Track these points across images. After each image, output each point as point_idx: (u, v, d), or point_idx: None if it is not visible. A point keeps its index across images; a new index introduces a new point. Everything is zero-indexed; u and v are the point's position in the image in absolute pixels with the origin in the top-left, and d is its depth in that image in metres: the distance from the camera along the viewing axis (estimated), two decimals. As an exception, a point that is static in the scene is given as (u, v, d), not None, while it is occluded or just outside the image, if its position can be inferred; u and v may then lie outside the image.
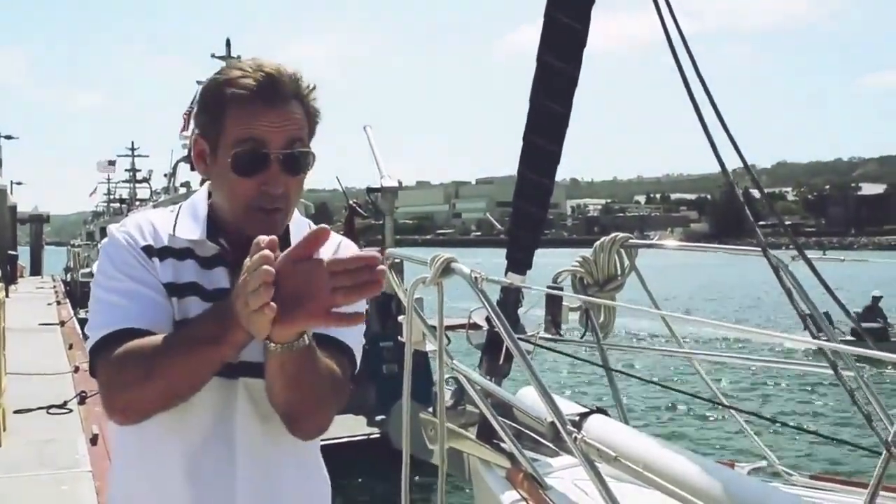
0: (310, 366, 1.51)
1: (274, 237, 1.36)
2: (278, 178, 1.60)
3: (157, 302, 1.60)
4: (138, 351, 1.51)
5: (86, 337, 1.67)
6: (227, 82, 1.61)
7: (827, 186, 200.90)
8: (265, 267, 1.31)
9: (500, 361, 3.02)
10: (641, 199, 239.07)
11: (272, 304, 1.31)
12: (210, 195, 1.73)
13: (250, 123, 1.58)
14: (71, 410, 8.41)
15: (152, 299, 1.59)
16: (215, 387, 1.60)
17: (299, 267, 1.35)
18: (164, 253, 1.64)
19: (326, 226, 1.39)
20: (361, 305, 1.61)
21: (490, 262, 3.52)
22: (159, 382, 1.50)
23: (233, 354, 1.49)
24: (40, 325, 16.09)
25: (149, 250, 1.63)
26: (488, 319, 2.96)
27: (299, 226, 1.75)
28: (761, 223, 2.94)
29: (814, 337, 2.58)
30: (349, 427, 9.07)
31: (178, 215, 1.71)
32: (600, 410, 2.41)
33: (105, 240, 1.69)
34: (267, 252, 1.33)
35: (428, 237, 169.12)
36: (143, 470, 1.66)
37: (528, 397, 2.59)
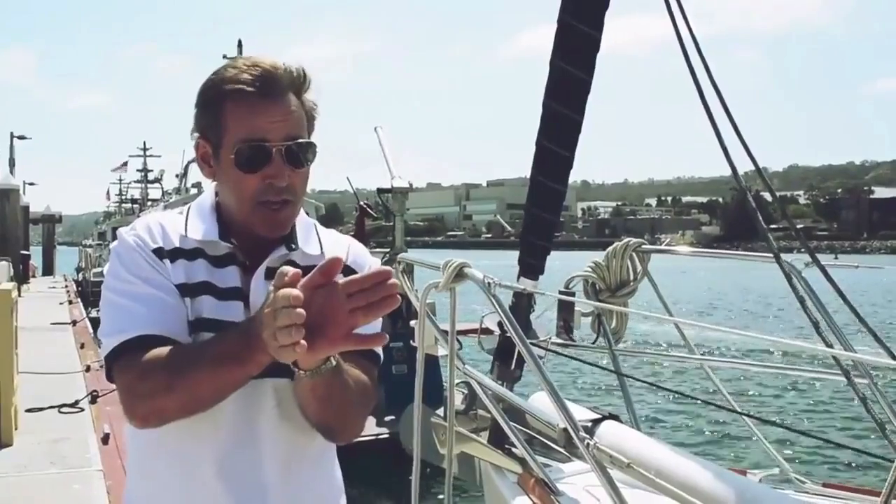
0: (339, 384, 1.53)
1: (297, 271, 1.36)
2: (282, 170, 1.60)
3: (171, 305, 1.60)
4: (161, 361, 1.51)
5: (98, 338, 1.67)
6: (224, 81, 1.62)
7: (839, 190, 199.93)
8: (298, 310, 1.31)
9: (512, 367, 3.02)
10: (652, 201, 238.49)
11: (303, 342, 1.31)
12: (217, 195, 1.74)
13: (249, 119, 1.59)
14: (82, 409, 8.43)
15: (166, 303, 1.60)
16: (243, 387, 1.60)
17: (315, 294, 1.37)
18: (175, 254, 1.65)
19: (339, 257, 1.41)
20: (379, 323, 1.62)
21: (501, 265, 3.51)
22: (182, 394, 1.51)
23: (256, 372, 1.50)
24: (52, 324, 16.14)
25: (160, 252, 1.64)
26: (500, 324, 2.96)
27: (306, 226, 1.76)
28: (773, 227, 2.92)
29: (826, 345, 2.57)
30: (358, 428, 9.06)
31: (187, 216, 1.72)
32: (613, 416, 2.40)
33: (115, 243, 1.69)
34: (297, 292, 1.33)
35: (438, 239, 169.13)
36: (166, 471, 1.66)
37: (540, 403, 2.59)
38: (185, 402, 1.52)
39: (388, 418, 9.38)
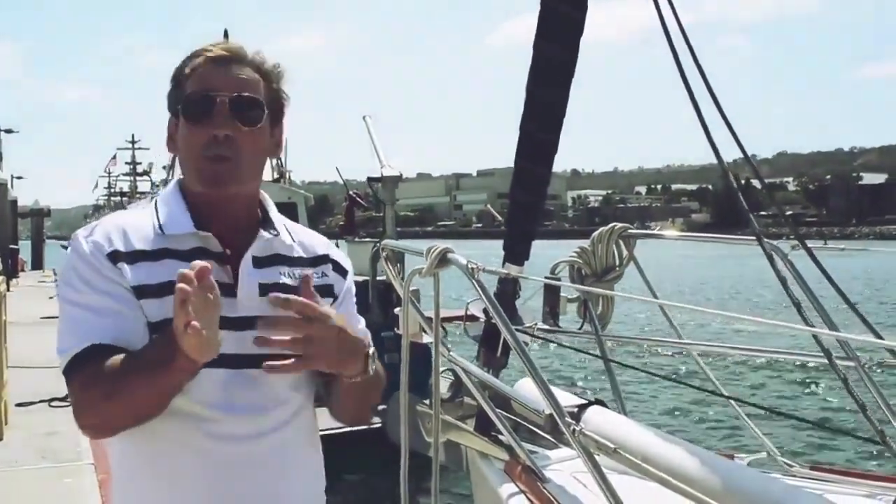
0: (374, 382, 1.70)
1: (206, 265, 1.38)
2: (227, 120, 1.61)
3: (122, 313, 1.58)
4: (101, 372, 1.51)
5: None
6: (188, 59, 1.67)
7: (828, 176, 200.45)
8: (178, 285, 1.34)
9: (498, 353, 3.01)
10: (642, 189, 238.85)
11: (194, 323, 1.33)
12: (181, 186, 1.72)
13: (202, 78, 1.63)
14: (72, 404, 8.41)
15: (116, 311, 1.57)
16: (220, 379, 1.59)
17: (322, 321, 1.53)
18: (134, 256, 1.61)
19: (308, 275, 1.61)
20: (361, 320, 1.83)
21: (491, 253, 3.50)
22: (122, 403, 1.51)
23: (187, 378, 1.49)
24: (42, 318, 16.07)
25: (115, 256, 1.60)
26: (486, 311, 2.95)
27: (275, 216, 1.77)
28: (762, 213, 2.92)
29: (808, 325, 2.57)
30: (350, 418, 9.06)
31: (157, 213, 1.68)
32: (599, 402, 2.40)
33: (70, 248, 1.66)
34: (182, 271, 1.36)
35: (429, 229, 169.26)
36: (148, 464, 1.65)
37: (525, 389, 2.58)
38: (126, 411, 1.53)
39: (380, 407, 9.35)
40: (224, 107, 1.62)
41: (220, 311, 1.41)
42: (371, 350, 1.64)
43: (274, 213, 1.76)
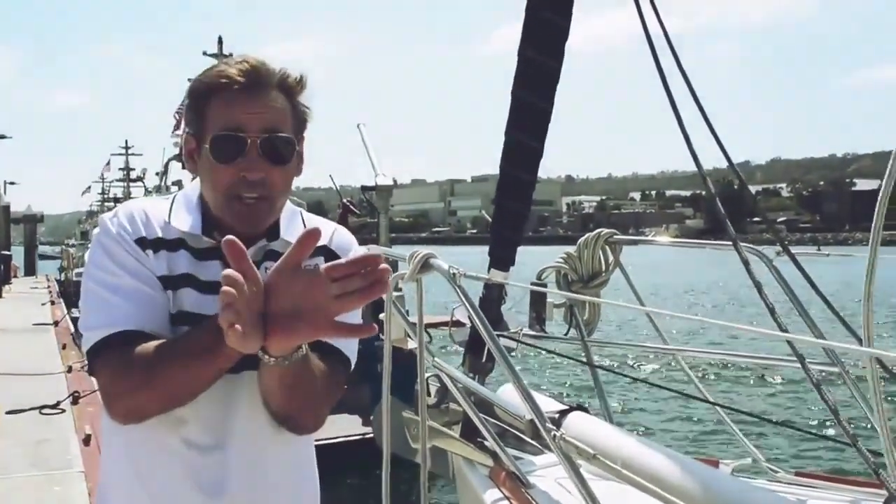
0: (307, 373, 1.50)
1: (232, 238, 1.33)
2: (257, 163, 1.58)
3: (154, 298, 1.59)
4: (138, 358, 1.50)
5: (79, 334, 1.66)
6: (210, 76, 1.62)
7: (821, 182, 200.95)
8: (224, 288, 1.29)
9: (484, 359, 3.02)
10: (636, 195, 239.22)
11: (237, 326, 1.28)
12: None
13: (229, 111, 1.58)
14: (64, 411, 8.38)
15: (149, 296, 1.58)
16: (219, 380, 1.59)
17: (296, 277, 1.33)
18: (157, 245, 1.62)
19: (318, 227, 1.37)
20: (359, 314, 1.56)
21: (486, 260, 3.48)
22: (159, 390, 1.50)
23: (230, 364, 1.48)
24: (34, 325, 16.03)
25: (142, 242, 1.62)
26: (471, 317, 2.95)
27: (291, 215, 1.74)
28: (755, 219, 2.94)
29: (782, 330, 2.58)
30: (344, 427, 9.05)
31: (172, 205, 1.69)
32: (580, 407, 2.40)
33: (97, 230, 1.66)
34: (228, 272, 1.30)
35: (423, 235, 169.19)
36: (138, 460, 1.65)
37: (509, 395, 2.58)
38: (162, 399, 1.52)
39: (374, 417, 9.34)
40: (255, 148, 1.58)
41: (261, 302, 1.34)
42: None
43: (287, 215, 1.72)
